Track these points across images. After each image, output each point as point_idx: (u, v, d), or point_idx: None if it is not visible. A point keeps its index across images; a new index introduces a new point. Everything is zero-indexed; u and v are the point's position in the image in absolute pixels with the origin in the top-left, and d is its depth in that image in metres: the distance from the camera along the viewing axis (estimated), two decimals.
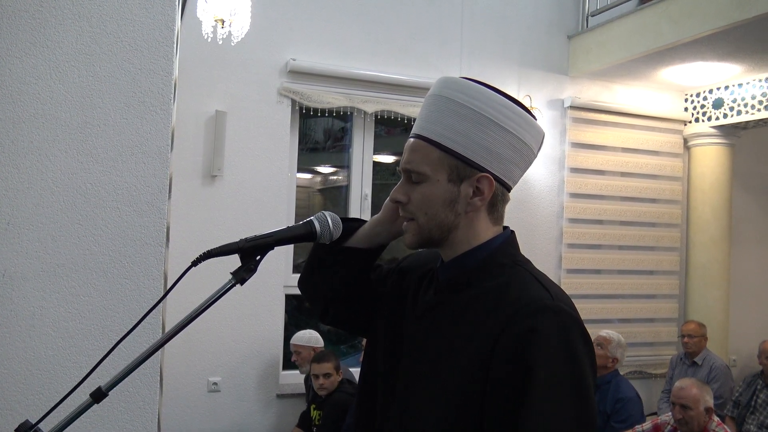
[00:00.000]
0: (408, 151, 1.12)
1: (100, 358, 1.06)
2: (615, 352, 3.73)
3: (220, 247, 1.06)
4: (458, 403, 1.02)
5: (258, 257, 1.09)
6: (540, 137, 1.14)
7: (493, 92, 1.09)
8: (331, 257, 1.24)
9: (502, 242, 1.14)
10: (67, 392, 1.06)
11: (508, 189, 1.14)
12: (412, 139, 1.13)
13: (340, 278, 1.25)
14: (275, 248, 1.13)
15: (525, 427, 0.95)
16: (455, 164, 1.08)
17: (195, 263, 1.03)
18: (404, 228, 1.15)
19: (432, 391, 1.06)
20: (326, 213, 1.19)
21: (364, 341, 3.86)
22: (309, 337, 4.07)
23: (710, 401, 3.10)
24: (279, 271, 4.25)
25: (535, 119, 1.13)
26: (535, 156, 1.15)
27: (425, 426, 1.05)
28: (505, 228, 1.17)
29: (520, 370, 0.97)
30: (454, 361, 1.05)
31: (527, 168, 1.15)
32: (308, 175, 5.13)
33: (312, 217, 1.18)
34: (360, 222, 1.27)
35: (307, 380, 4.04)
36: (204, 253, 1.04)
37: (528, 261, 1.15)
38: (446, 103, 1.09)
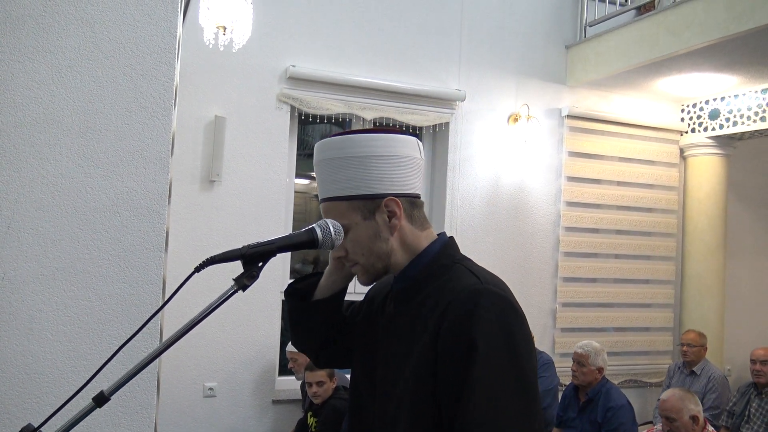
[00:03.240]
0: (324, 215, 1.26)
1: (100, 362, 1.07)
2: (596, 361, 3.71)
3: (223, 253, 1.07)
4: (420, 394, 1.12)
5: (260, 264, 1.10)
6: (414, 144, 1.26)
7: (355, 134, 1.24)
8: (304, 313, 1.38)
9: (441, 247, 1.26)
10: (67, 397, 1.06)
11: (416, 196, 1.26)
12: (321, 205, 1.27)
13: (318, 327, 1.39)
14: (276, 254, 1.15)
15: (469, 401, 1.06)
16: (360, 204, 1.22)
17: (198, 269, 1.04)
18: (354, 272, 1.30)
19: (399, 394, 1.16)
20: (328, 221, 1.21)
21: None
22: None
23: (695, 408, 3.08)
24: (276, 276, 4.25)
25: (403, 133, 1.25)
26: (421, 159, 1.27)
27: (398, 420, 1.15)
28: (441, 234, 1.29)
29: (461, 350, 1.08)
30: (411, 358, 1.16)
31: (420, 172, 1.28)
32: (306, 181, 5.14)
33: (314, 225, 1.20)
34: (317, 275, 1.40)
35: (303, 387, 4.03)
36: (207, 260, 1.05)
37: (467, 258, 1.26)
38: (327, 164, 1.24)
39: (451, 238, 1.29)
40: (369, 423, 1.25)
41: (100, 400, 0.99)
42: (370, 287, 1.40)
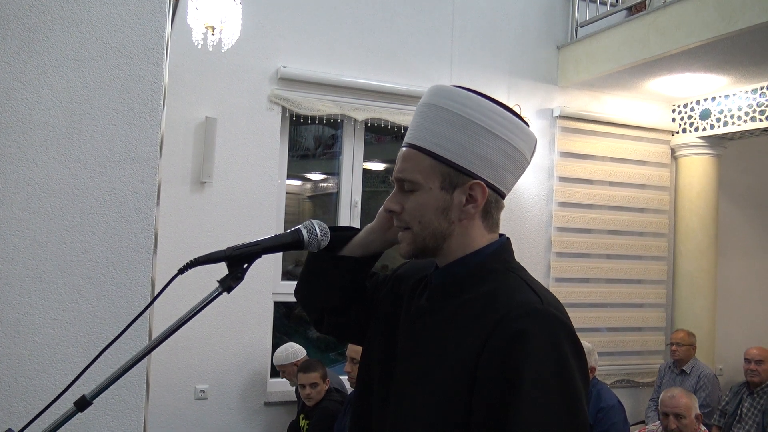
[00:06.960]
0: (400, 161, 1.12)
1: (86, 365, 1.05)
2: (589, 361, 3.71)
3: (207, 255, 1.06)
4: (447, 407, 1.02)
5: (245, 265, 1.09)
6: (532, 143, 1.14)
7: (485, 99, 1.10)
8: (326, 266, 1.23)
9: (496, 248, 1.13)
10: (51, 400, 1.05)
11: (502, 196, 1.14)
12: (404, 149, 1.13)
13: (335, 287, 1.24)
14: (263, 256, 1.13)
15: (511, 430, 0.94)
16: (447, 172, 1.08)
17: (181, 271, 1.03)
18: (399, 238, 1.15)
19: (423, 396, 1.06)
20: (314, 221, 1.18)
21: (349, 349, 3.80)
22: (287, 355, 4.02)
23: (698, 408, 3.15)
24: (267, 278, 4.24)
25: (527, 125, 1.14)
26: (528, 162, 1.15)
27: (417, 429, 1.05)
28: (501, 235, 1.17)
29: (506, 372, 0.96)
30: (444, 365, 1.04)
31: (520, 175, 1.15)
32: (298, 182, 5.13)
33: (300, 226, 1.17)
34: (354, 230, 1.27)
35: (297, 391, 4.02)
36: (191, 261, 1.04)
37: (522, 268, 1.14)
38: (437, 112, 1.09)
39: (508, 240, 1.16)
40: (376, 417, 1.16)
41: (82, 404, 0.98)
42: (398, 266, 1.29)
